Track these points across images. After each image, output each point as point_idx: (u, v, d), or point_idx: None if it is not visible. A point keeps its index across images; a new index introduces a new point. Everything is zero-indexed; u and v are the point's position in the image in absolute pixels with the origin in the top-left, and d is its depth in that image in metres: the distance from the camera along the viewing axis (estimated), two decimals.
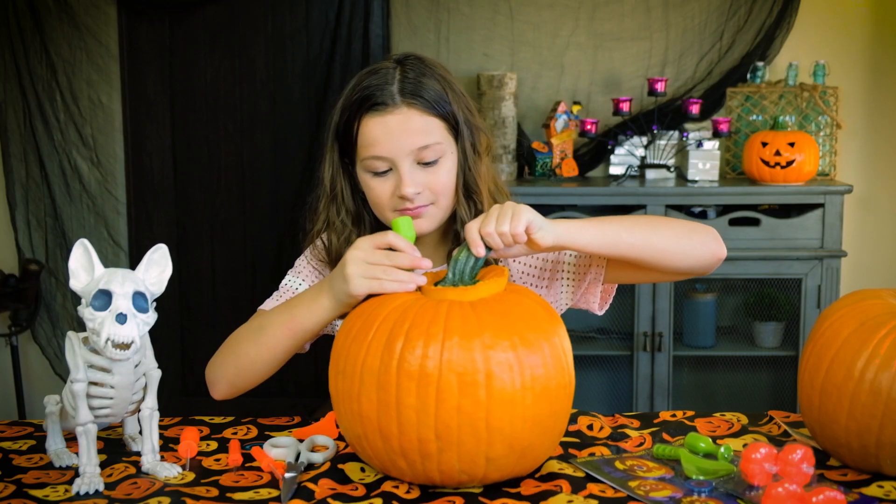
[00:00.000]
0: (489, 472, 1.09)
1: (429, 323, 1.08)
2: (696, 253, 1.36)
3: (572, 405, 1.18)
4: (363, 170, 1.37)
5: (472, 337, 1.06)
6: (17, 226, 3.30)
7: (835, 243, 2.81)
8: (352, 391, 1.10)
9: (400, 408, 1.06)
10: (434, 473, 1.09)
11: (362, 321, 1.13)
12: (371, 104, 1.33)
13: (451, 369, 1.05)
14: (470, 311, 1.10)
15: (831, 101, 3.02)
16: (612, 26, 3.14)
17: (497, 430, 1.06)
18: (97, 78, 3.26)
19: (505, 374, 1.06)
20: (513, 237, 1.19)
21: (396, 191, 1.34)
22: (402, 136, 1.32)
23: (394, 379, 1.06)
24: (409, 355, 1.06)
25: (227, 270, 3.40)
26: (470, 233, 1.20)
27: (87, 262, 1.15)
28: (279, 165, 3.34)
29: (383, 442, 1.09)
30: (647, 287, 2.83)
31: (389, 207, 1.37)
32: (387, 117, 1.33)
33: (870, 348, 1.11)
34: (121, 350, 1.12)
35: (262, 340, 1.34)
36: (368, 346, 1.09)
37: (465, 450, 1.06)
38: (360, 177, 1.39)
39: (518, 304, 1.13)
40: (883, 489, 1.10)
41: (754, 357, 3.02)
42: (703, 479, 1.12)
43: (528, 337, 1.09)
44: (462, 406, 1.05)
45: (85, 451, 1.15)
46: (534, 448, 1.11)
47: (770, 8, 3.07)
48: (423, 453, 1.07)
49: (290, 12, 3.28)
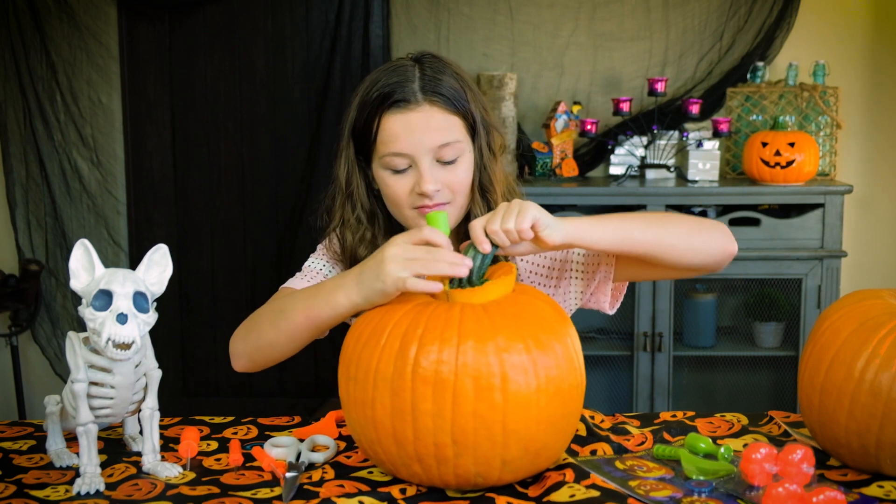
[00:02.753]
0: (504, 474, 1.09)
1: (442, 327, 1.07)
2: (706, 249, 1.35)
3: None
4: (381, 167, 1.36)
5: (487, 340, 1.06)
6: (17, 226, 3.30)
7: (835, 243, 2.81)
8: (365, 397, 1.09)
9: (416, 413, 1.05)
10: (449, 477, 1.09)
11: (372, 327, 1.12)
12: (392, 101, 1.32)
13: (466, 374, 1.04)
14: (483, 314, 1.09)
15: (831, 101, 3.02)
16: (613, 26, 3.14)
17: (513, 432, 1.06)
18: (97, 78, 3.27)
19: (520, 377, 1.06)
20: (518, 234, 1.19)
21: (416, 188, 1.34)
22: (424, 134, 1.32)
23: (409, 385, 1.05)
24: (424, 360, 1.05)
25: (227, 270, 3.40)
26: (474, 230, 1.19)
27: (88, 262, 1.15)
28: (279, 165, 3.34)
29: (398, 448, 1.08)
30: (647, 287, 2.83)
31: (407, 205, 1.36)
32: (409, 114, 1.32)
33: (870, 348, 1.11)
34: (121, 350, 1.12)
35: (281, 325, 1.31)
36: (381, 352, 1.08)
37: (482, 453, 1.06)
38: (378, 174, 1.38)
39: (529, 306, 1.13)
40: (883, 489, 1.10)
41: (754, 357, 3.02)
42: (703, 479, 1.12)
43: (541, 339, 1.09)
44: (478, 410, 1.04)
45: (85, 451, 1.15)
46: (548, 449, 1.11)
47: (770, 8, 3.08)
48: (439, 458, 1.07)
49: (290, 12, 3.28)
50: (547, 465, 1.14)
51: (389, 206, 1.40)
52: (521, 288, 1.20)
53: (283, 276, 1.52)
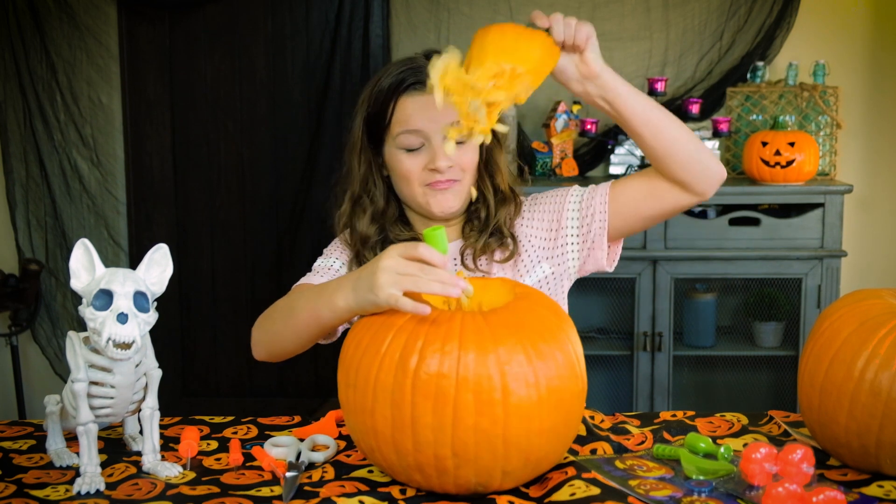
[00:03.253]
0: (505, 482, 1.09)
1: (443, 339, 1.06)
2: (701, 158, 1.40)
3: None
4: (395, 147, 1.45)
5: (487, 352, 1.05)
6: (17, 226, 3.30)
7: (835, 243, 2.81)
8: (364, 405, 1.08)
9: (416, 426, 1.05)
10: (450, 486, 1.09)
11: (372, 333, 1.11)
12: (408, 85, 1.42)
13: (467, 388, 1.04)
14: (483, 324, 1.08)
15: (831, 100, 3.02)
16: (612, 26, 3.14)
17: (514, 444, 1.06)
18: (97, 78, 3.26)
19: (521, 389, 1.05)
20: (574, 33, 1.24)
21: (429, 164, 1.43)
22: (437, 113, 1.36)
23: (409, 398, 1.05)
24: (424, 373, 1.04)
25: (227, 270, 3.40)
26: (537, 12, 1.25)
27: (88, 262, 1.15)
28: (279, 165, 3.34)
29: (398, 457, 1.08)
30: (647, 287, 2.83)
31: (419, 182, 1.45)
32: (424, 96, 1.41)
33: (870, 348, 1.11)
34: (122, 350, 1.12)
35: (290, 322, 1.34)
36: (381, 361, 1.07)
37: (482, 465, 1.06)
38: (391, 154, 1.46)
39: (530, 313, 1.12)
40: (883, 489, 1.10)
41: (754, 357, 3.02)
42: (703, 478, 1.12)
43: (541, 348, 1.08)
44: (479, 424, 1.04)
45: (86, 451, 1.15)
46: (549, 457, 1.11)
47: (770, 8, 3.07)
48: (439, 469, 1.06)
49: (290, 12, 3.28)
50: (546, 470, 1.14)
51: (400, 184, 1.48)
52: (523, 293, 1.19)
53: (283, 276, 1.53)
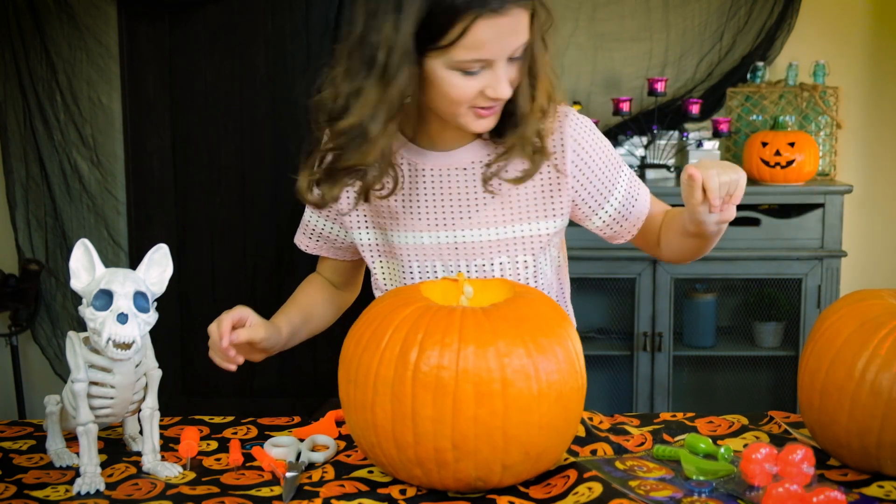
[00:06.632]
0: (504, 478, 1.09)
1: (443, 332, 1.07)
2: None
3: None
4: (450, 67, 1.27)
5: (487, 345, 1.06)
6: (17, 226, 3.30)
7: (835, 243, 2.81)
8: (365, 401, 1.09)
9: (416, 418, 1.05)
10: (449, 481, 1.09)
11: (373, 329, 1.12)
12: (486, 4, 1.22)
13: (467, 379, 1.04)
14: (483, 318, 1.09)
15: (831, 101, 3.02)
16: (613, 27, 3.14)
17: (514, 437, 1.06)
18: (97, 78, 3.26)
19: (521, 383, 1.05)
20: (722, 202, 1.32)
21: (487, 91, 1.28)
22: (509, 38, 1.26)
23: (409, 390, 1.05)
24: (425, 365, 1.05)
25: (227, 270, 3.40)
26: (710, 183, 1.33)
27: (88, 262, 1.15)
28: (279, 165, 3.34)
29: (398, 451, 1.08)
30: (647, 287, 2.83)
31: (468, 104, 1.30)
32: (502, 19, 1.23)
33: (870, 348, 1.11)
34: (122, 350, 1.12)
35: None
36: (381, 356, 1.08)
37: (482, 458, 1.06)
38: (440, 74, 1.28)
39: (529, 309, 1.13)
40: (883, 489, 1.10)
41: (754, 357, 3.02)
42: (703, 479, 1.12)
43: (541, 343, 1.08)
44: (479, 416, 1.04)
45: (86, 451, 1.15)
46: (548, 452, 1.11)
47: (770, 9, 3.07)
48: (439, 462, 1.07)
49: (290, 13, 3.28)
50: (548, 468, 1.14)
51: (444, 103, 1.32)
52: (522, 289, 1.20)
53: (283, 276, 1.54)
